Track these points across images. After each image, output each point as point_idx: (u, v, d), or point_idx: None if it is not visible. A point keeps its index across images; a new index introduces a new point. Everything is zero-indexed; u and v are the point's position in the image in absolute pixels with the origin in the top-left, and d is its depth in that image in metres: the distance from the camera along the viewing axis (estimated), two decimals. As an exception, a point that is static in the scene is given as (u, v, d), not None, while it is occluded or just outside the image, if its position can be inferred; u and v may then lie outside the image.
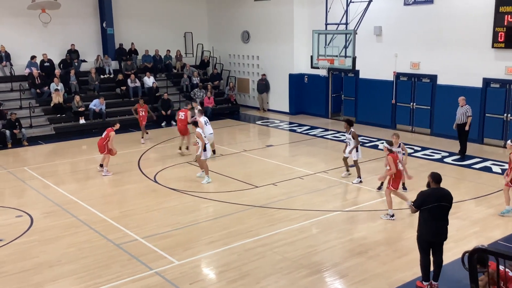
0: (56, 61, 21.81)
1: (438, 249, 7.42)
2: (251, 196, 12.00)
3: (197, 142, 12.96)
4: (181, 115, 16.02)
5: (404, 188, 11.99)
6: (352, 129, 12.81)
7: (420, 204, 7.25)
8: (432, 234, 7.26)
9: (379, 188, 12.11)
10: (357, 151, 12.80)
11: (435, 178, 7.32)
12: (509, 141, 10.43)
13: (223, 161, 15.34)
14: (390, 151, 10.56)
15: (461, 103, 15.04)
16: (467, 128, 14.91)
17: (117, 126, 14.22)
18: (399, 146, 11.58)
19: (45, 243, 9.47)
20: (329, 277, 8.07)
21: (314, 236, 9.71)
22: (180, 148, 16.07)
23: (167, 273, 8.16)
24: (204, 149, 12.84)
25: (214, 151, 15.54)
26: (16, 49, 21.24)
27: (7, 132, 17.54)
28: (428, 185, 7.42)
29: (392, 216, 10.38)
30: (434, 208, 7.15)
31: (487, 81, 16.59)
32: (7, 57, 20.92)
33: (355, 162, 12.85)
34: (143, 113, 18.03)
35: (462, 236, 9.46)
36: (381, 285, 7.72)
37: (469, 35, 16.71)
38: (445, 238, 7.38)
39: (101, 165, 14.25)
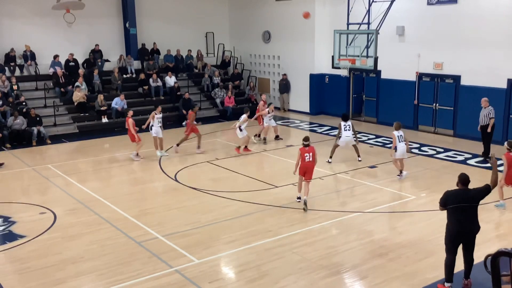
0: (79, 61, 22.15)
1: (466, 248, 7.44)
2: (271, 196, 12.00)
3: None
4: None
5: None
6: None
7: (443, 203, 7.39)
8: (457, 233, 7.35)
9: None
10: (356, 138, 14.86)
11: (461, 179, 7.40)
12: (505, 143, 10.80)
13: (243, 161, 15.37)
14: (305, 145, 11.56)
15: (483, 104, 14.81)
16: (489, 130, 14.65)
17: (131, 112, 15.88)
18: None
19: (68, 240, 9.63)
20: (348, 279, 8.03)
21: (334, 237, 9.67)
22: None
23: (187, 272, 8.22)
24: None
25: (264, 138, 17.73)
26: (41, 49, 21.62)
27: (34, 130, 17.89)
28: (457, 184, 7.53)
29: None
30: (456, 208, 7.23)
31: (511, 82, 16.32)
32: (32, 56, 21.32)
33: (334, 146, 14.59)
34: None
35: (485, 239, 9.29)
36: (402, 288, 7.65)
37: (494, 35, 16.43)
38: (471, 237, 7.38)
39: (137, 154, 15.53)
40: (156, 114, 15.85)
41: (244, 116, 16.00)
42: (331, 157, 14.79)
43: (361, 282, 7.89)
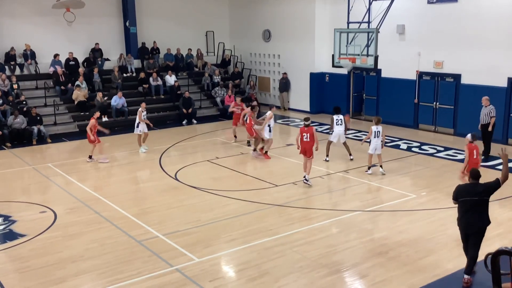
0: (80, 60, 22.15)
1: (472, 242, 7.60)
2: (271, 195, 12.00)
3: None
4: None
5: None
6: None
7: (454, 196, 7.82)
8: (463, 225, 7.67)
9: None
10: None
11: (472, 174, 7.77)
12: (468, 135, 10.99)
13: (243, 160, 15.37)
14: (307, 125, 12.40)
15: (484, 103, 14.79)
16: (490, 129, 14.65)
17: (97, 114, 15.85)
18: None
19: (68, 239, 9.63)
20: (349, 277, 8.03)
21: (334, 235, 9.67)
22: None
23: (187, 270, 8.22)
24: None
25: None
26: (41, 48, 21.63)
27: (35, 129, 17.90)
28: (469, 179, 7.89)
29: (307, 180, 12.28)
30: (465, 202, 7.58)
31: (512, 81, 16.30)
32: (32, 55, 21.32)
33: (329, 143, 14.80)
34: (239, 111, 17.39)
35: (486, 238, 9.25)
36: (402, 286, 7.65)
37: (494, 34, 16.42)
38: (475, 229, 7.54)
39: (90, 156, 15.28)
40: (142, 111, 16.30)
41: (270, 113, 15.39)
42: (327, 155, 14.80)
43: (361, 281, 7.89)
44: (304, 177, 12.50)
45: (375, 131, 13.29)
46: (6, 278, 8.14)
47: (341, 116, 14.78)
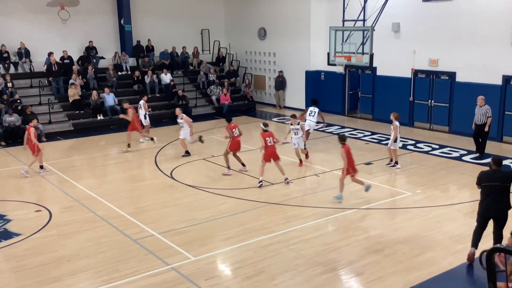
0: (74, 58, 22.07)
1: (495, 224, 8.02)
2: (267, 193, 12.00)
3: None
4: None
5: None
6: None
7: (477, 182, 8.20)
8: (483, 208, 8.06)
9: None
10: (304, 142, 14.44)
11: (494, 161, 8.09)
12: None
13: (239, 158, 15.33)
14: (266, 130, 12.39)
15: (480, 103, 14.66)
16: (486, 129, 14.52)
17: (34, 122, 14.52)
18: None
19: (63, 238, 9.60)
20: (345, 275, 8.04)
21: (330, 233, 9.69)
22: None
23: (183, 269, 8.22)
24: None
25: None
26: (36, 46, 21.53)
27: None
28: (490, 166, 8.18)
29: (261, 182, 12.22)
30: (487, 187, 7.97)
31: (507, 78, 16.34)
32: (27, 53, 21.23)
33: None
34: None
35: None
36: (398, 284, 7.67)
37: (489, 32, 16.47)
38: (496, 214, 7.94)
39: (41, 167, 14.05)
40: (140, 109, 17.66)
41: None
42: (304, 148, 14.73)
43: (357, 279, 7.91)
44: (285, 178, 12.44)
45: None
46: (1, 277, 8.11)
47: (316, 109, 14.89)
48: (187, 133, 15.31)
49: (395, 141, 13.76)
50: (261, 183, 12.33)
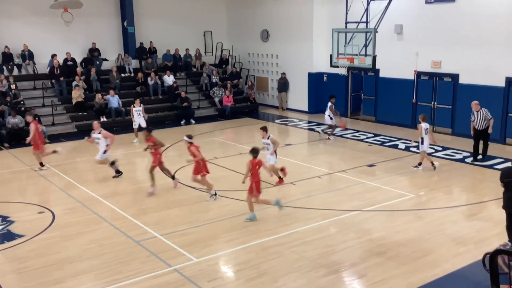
0: (78, 60, 22.13)
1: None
2: (270, 195, 11.97)
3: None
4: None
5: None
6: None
7: (500, 178, 8.49)
8: (505, 203, 8.43)
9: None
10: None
11: None
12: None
13: (242, 160, 15.32)
14: (191, 143, 11.55)
15: (475, 108, 14.17)
16: (490, 130, 14.22)
17: (29, 118, 14.60)
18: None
19: (66, 239, 9.61)
20: (347, 277, 8.03)
21: (332, 235, 9.67)
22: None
23: (186, 270, 8.22)
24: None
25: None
26: (39, 48, 21.62)
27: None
28: None
29: (215, 195, 11.53)
30: (506, 183, 8.32)
31: (510, 80, 16.31)
32: (30, 55, 21.30)
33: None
34: None
35: (484, 238, 9.33)
36: (400, 286, 7.65)
37: (492, 33, 16.45)
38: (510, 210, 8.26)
39: (41, 164, 14.36)
40: (134, 107, 17.93)
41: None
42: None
43: (360, 281, 7.89)
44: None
45: (425, 128, 13.46)
46: (4, 278, 8.12)
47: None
48: (103, 152, 13.33)
49: (422, 143, 13.60)
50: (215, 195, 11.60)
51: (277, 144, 12.67)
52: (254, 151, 10.18)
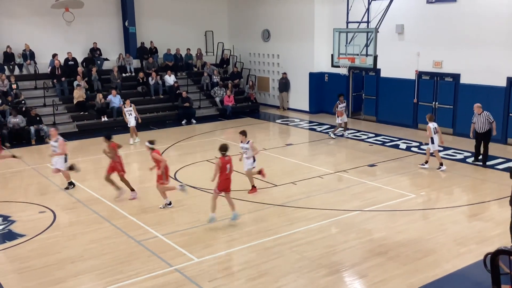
0: (79, 59, 22.14)
1: None
2: (271, 194, 12.00)
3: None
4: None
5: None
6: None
7: (510, 175, 8.23)
8: None
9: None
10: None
11: None
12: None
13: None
14: (153, 149, 11.07)
15: (477, 110, 13.97)
16: (494, 133, 14.06)
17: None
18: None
19: (67, 239, 9.62)
20: (348, 277, 8.03)
21: (333, 235, 9.67)
22: None
23: (187, 270, 8.22)
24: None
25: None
26: (40, 48, 21.63)
27: (32, 129, 17.90)
28: None
29: (169, 204, 11.14)
30: None
31: (511, 81, 16.28)
32: (32, 55, 21.31)
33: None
34: None
35: (485, 238, 9.32)
36: (401, 286, 7.65)
37: (493, 33, 16.43)
38: None
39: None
40: (124, 107, 17.76)
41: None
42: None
43: (361, 281, 7.89)
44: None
45: (433, 128, 13.51)
46: (5, 278, 8.13)
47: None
48: (60, 161, 12.49)
49: (432, 142, 13.64)
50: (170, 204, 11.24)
51: (256, 151, 12.04)
52: (223, 149, 10.03)
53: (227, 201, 10.25)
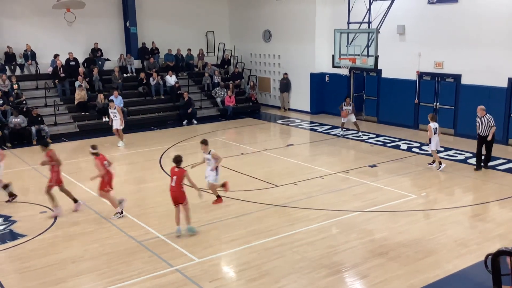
0: (80, 60, 22.16)
1: None
2: (272, 195, 12.00)
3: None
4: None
5: None
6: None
7: None
8: None
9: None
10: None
11: None
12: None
13: (244, 160, 15.36)
14: (96, 154, 10.68)
15: (480, 113, 13.77)
16: (489, 138, 13.61)
17: None
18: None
19: (68, 239, 9.63)
20: (349, 278, 8.03)
21: (334, 236, 9.67)
22: None
23: (188, 271, 8.22)
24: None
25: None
26: (41, 48, 21.65)
27: (33, 129, 17.92)
28: None
29: (121, 213, 10.70)
30: None
31: (512, 81, 16.30)
32: (33, 55, 21.33)
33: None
34: None
35: (486, 239, 9.32)
36: (402, 287, 7.64)
37: (494, 34, 16.42)
38: None
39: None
40: (109, 108, 17.52)
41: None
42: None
43: (362, 281, 7.89)
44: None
45: (434, 128, 13.56)
46: (6, 278, 8.14)
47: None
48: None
49: (430, 142, 13.71)
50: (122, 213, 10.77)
51: (219, 160, 11.22)
52: (176, 160, 9.83)
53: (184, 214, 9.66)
